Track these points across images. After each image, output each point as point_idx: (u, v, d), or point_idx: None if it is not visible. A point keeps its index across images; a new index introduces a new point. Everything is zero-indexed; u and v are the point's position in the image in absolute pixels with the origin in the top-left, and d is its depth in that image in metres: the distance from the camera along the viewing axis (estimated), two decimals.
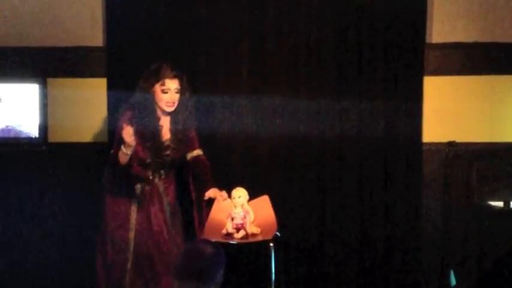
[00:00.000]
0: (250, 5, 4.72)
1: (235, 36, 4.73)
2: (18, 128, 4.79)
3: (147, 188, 4.13)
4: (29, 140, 4.80)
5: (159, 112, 4.08)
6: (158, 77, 4.01)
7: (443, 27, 4.75)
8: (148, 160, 4.06)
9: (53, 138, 4.83)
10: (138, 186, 4.12)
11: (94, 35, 4.81)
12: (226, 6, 4.73)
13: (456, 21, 4.75)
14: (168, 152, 4.12)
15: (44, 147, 4.82)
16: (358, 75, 4.72)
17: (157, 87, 4.02)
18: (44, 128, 4.78)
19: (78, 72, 4.83)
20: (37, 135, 4.78)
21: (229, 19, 4.73)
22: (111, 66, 4.77)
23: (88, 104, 4.83)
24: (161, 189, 4.18)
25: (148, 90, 4.03)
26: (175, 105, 4.06)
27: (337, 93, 4.72)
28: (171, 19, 4.73)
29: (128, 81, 4.72)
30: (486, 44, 4.74)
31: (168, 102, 4.03)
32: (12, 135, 4.80)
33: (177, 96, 4.05)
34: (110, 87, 4.76)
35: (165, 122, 4.13)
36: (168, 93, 4.02)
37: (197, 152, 4.26)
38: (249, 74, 4.74)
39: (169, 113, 4.10)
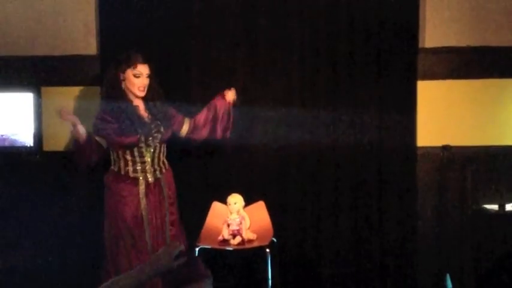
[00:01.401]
0: (242, 14, 4.74)
1: (229, 45, 4.74)
2: (13, 137, 4.78)
3: (150, 179, 4.16)
4: (24, 149, 4.79)
5: (130, 96, 4.18)
6: (129, 63, 4.13)
7: (435, 32, 4.76)
8: (141, 143, 4.10)
9: (47, 147, 4.83)
10: (142, 182, 4.14)
11: (88, 44, 4.81)
12: (219, 14, 4.74)
13: (449, 25, 4.76)
14: (155, 130, 4.16)
15: (38, 156, 4.81)
16: (352, 81, 4.73)
17: (129, 72, 4.13)
18: (38, 137, 4.78)
19: (72, 81, 4.83)
20: (32, 144, 4.77)
21: (223, 28, 4.74)
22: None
23: (82, 113, 4.81)
24: (162, 182, 4.21)
25: (119, 76, 4.14)
26: (146, 90, 4.17)
27: (330, 98, 4.73)
28: (164, 28, 4.74)
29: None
30: (479, 48, 4.75)
31: (140, 86, 4.15)
32: (7, 144, 4.78)
33: (148, 81, 4.17)
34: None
35: (139, 103, 4.21)
36: (140, 77, 4.15)
37: (187, 123, 4.37)
38: (242, 82, 4.74)
39: (142, 98, 4.20)
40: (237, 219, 4.02)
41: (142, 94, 4.18)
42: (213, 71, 4.76)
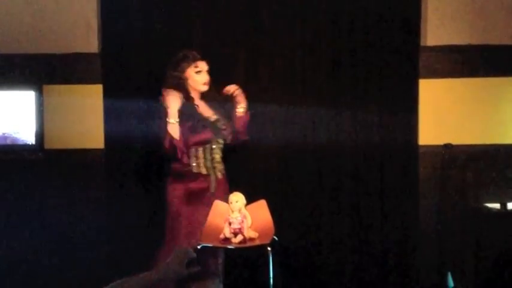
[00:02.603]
0: (244, 12, 4.73)
1: (230, 44, 4.74)
2: (15, 135, 4.78)
3: (219, 175, 4.23)
4: (26, 147, 4.79)
5: (193, 94, 4.22)
6: (189, 61, 4.17)
7: (437, 30, 4.76)
8: (213, 139, 4.17)
9: (49, 144, 4.83)
10: (213, 179, 4.21)
11: (89, 42, 4.81)
12: (221, 13, 4.73)
13: (450, 23, 4.76)
14: (222, 126, 4.23)
15: (40, 154, 4.81)
16: (353, 79, 4.73)
17: (190, 71, 4.18)
18: (40, 135, 4.78)
19: (74, 79, 4.82)
20: (33, 142, 4.78)
21: (224, 27, 4.74)
22: (106, 72, 4.78)
23: (84, 111, 4.82)
24: (226, 179, 4.29)
25: (181, 76, 4.17)
26: (208, 86, 4.22)
27: (332, 97, 4.73)
28: (165, 25, 4.74)
29: (124, 87, 4.75)
30: (480, 46, 4.75)
31: (204, 82, 4.20)
32: (8, 142, 4.79)
33: (209, 76, 4.21)
34: (106, 93, 4.77)
35: (202, 102, 4.25)
36: (202, 72, 4.19)
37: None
38: (244, 81, 4.74)
39: (203, 96, 4.24)
40: (239, 217, 4.01)
41: (207, 88, 4.22)
42: (214, 69, 4.75)
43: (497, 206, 4.72)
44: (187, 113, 4.13)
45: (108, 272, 4.80)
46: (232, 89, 4.26)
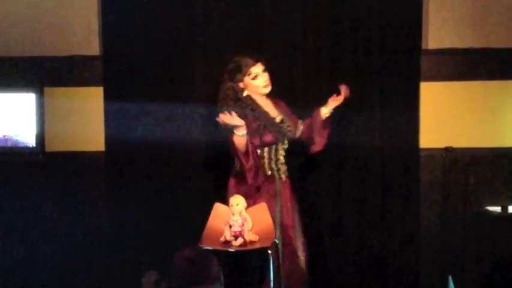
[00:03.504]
0: (246, 12, 4.73)
1: (231, 44, 4.73)
2: (15, 138, 4.78)
3: (283, 177, 4.18)
4: (26, 150, 4.78)
5: (257, 99, 4.15)
6: (243, 71, 4.08)
7: (438, 33, 4.75)
8: (278, 140, 4.12)
9: (50, 147, 4.82)
10: (278, 181, 4.16)
11: (90, 44, 4.81)
12: (221, 15, 4.73)
13: (451, 27, 4.75)
14: (287, 127, 4.17)
15: (41, 157, 4.80)
16: (354, 82, 4.72)
17: (247, 79, 4.10)
18: (41, 138, 4.77)
19: (75, 81, 4.82)
20: (34, 145, 4.77)
21: (225, 29, 4.73)
22: (107, 75, 4.78)
23: (85, 113, 4.82)
24: (290, 186, 4.23)
25: (239, 86, 4.10)
26: (270, 84, 4.14)
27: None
28: (166, 28, 4.74)
29: (125, 89, 4.75)
30: (481, 50, 4.75)
31: (265, 84, 4.12)
32: (9, 144, 4.78)
33: (267, 74, 4.13)
34: (107, 96, 4.77)
35: (267, 103, 4.19)
36: (259, 76, 4.10)
37: (301, 125, 4.32)
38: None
39: (267, 97, 4.19)
40: (239, 220, 4.00)
41: (269, 89, 4.14)
42: (216, 70, 4.75)
43: (498, 209, 4.71)
44: (251, 116, 4.08)
45: (109, 274, 4.80)
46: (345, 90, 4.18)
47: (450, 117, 4.77)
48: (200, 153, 4.79)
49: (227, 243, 3.99)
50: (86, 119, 4.82)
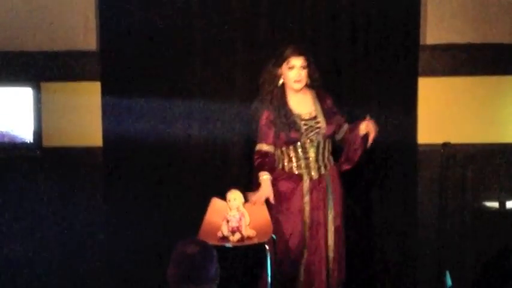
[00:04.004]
0: (243, 8, 4.72)
1: (229, 39, 4.73)
2: (12, 133, 4.77)
3: (314, 176, 4.11)
4: (23, 145, 4.77)
5: (290, 91, 4.13)
6: (283, 57, 4.07)
7: (436, 29, 4.75)
8: (303, 138, 4.06)
9: (47, 142, 4.81)
10: (306, 179, 4.10)
11: (87, 39, 4.80)
12: (219, 11, 4.72)
13: (449, 22, 4.75)
14: (316, 125, 4.09)
15: (38, 152, 4.79)
16: (352, 77, 4.72)
17: (284, 67, 4.08)
18: (38, 133, 4.76)
19: (72, 76, 4.81)
20: (31, 140, 4.76)
21: (223, 25, 4.72)
22: (104, 70, 4.76)
23: (82, 108, 4.81)
24: (327, 179, 4.14)
25: (276, 72, 4.10)
26: (303, 82, 4.10)
27: (331, 95, 4.71)
28: (164, 23, 4.72)
29: (122, 84, 4.74)
30: (480, 45, 4.74)
31: (294, 78, 4.07)
32: (6, 140, 4.76)
33: (304, 72, 4.09)
34: (104, 91, 4.76)
35: (301, 97, 4.15)
36: (294, 69, 4.06)
37: (345, 127, 4.24)
38: (242, 80, 4.74)
39: (303, 91, 4.14)
40: (237, 215, 4.00)
41: (299, 86, 4.09)
42: (214, 65, 4.75)
43: (496, 204, 4.71)
44: (277, 111, 4.07)
45: (107, 269, 4.80)
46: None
47: (448, 112, 4.77)
48: (198, 148, 4.77)
49: (224, 238, 3.99)
50: (83, 114, 4.81)
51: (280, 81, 4.13)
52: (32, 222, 4.87)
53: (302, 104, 4.15)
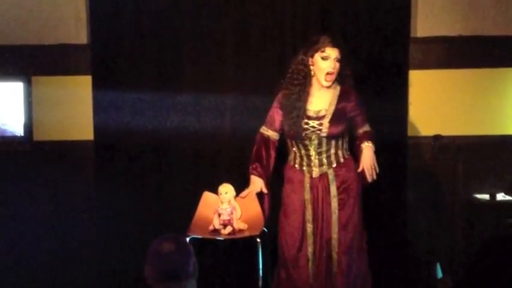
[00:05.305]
0: (235, 3, 4.71)
1: (220, 34, 4.72)
2: (3, 127, 4.77)
3: (314, 174, 4.04)
4: (14, 139, 4.77)
5: (315, 84, 4.01)
6: (318, 46, 3.94)
7: (427, 21, 4.76)
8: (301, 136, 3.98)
9: (38, 136, 4.81)
10: (307, 175, 4.05)
11: (78, 33, 4.79)
12: (209, 3, 4.71)
13: (440, 15, 4.76)
14: (320, 126, 3.97)
15: (29, 146, 4.79)
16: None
17: (317, 56, 3.95)
18: (29, 127, 4.76)
19: (63, 70, 4.81)
20: (22, 134, 4.76)
21: (214, 17, 4.71)
22: (95, 63, 4.75)
23: (73, 102, 4.81)
24: (330, 177, 4.04)
25: (308, 60, 3.97)
26: (335, 75, 3.96)
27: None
28: (155, 16, 4.71)
29: (113, 78, 4.74)
30: (470, 38, 4.76)
31: (329, 70, 3.93)
32: None
33: (338, 65, 3.95)
34: (95, 84, 4.75)
35: (323, 93, 4.03)
36: (328, 60, 3.92)
37: (365, 128, 4.11)
38: (234, 73, 4.73)
39: (328, 87, 4.00)
40: (228, 209, 4.01)
41: (330, 80, 3.95)
42: (205, 60, 4.74)
43: (486, 197, 4.74)
44: (288, 104, 4.00)
45: (98, 264, 4.80)
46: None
47: (439, 105, 4.78)
48: (189, 141, 4.77)
49: (216, 231, 4.00)
50: (74, 108, 4.81)
51: (311, 72, 3.99)
52: (23, 215, 4.86)
53: (319, 101, 4.03)
